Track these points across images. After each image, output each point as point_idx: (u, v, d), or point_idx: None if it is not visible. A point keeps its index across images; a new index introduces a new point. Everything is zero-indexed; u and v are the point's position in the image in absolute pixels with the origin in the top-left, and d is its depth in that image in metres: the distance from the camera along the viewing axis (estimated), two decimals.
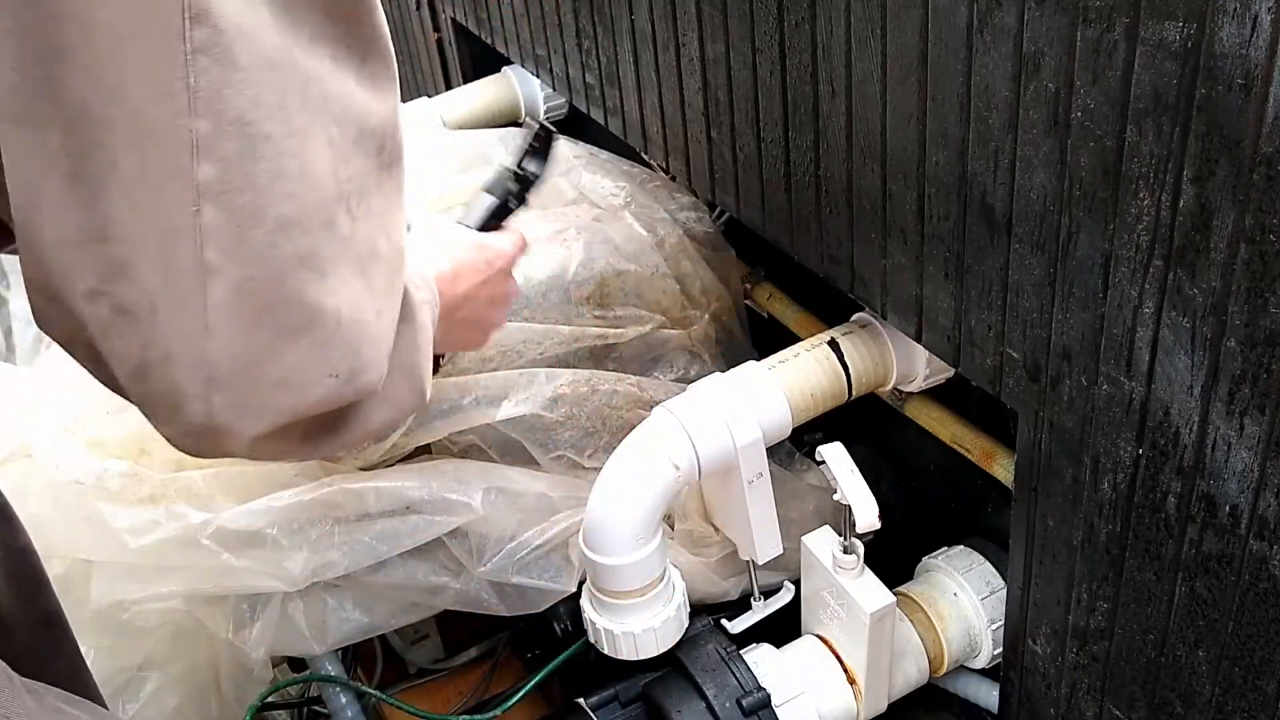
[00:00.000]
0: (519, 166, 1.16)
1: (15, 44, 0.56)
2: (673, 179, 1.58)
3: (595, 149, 1.60)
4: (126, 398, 0.67)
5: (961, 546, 1.32)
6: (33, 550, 1.03)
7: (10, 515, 1.00)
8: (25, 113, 0.58)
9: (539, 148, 1.17)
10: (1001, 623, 1.22)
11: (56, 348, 1.40)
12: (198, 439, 0.67)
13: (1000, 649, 1.24)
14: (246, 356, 0.64)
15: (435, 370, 1.10)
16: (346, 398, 0.69)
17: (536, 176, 1.17)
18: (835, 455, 1.12)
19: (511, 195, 1.15)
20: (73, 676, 1.06)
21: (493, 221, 1.13)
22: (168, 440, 0.68)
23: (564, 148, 1.57)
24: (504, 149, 1.62)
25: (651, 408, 1.21)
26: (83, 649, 1.12)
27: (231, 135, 0.61)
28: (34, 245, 0.62)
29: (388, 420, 0.77)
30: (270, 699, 1.33)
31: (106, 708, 1.12)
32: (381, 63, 0.72)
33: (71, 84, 0.58)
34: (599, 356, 1.41)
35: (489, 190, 1.14)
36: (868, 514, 1.09)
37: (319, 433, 0.72)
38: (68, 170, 0.59)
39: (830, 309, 1.38)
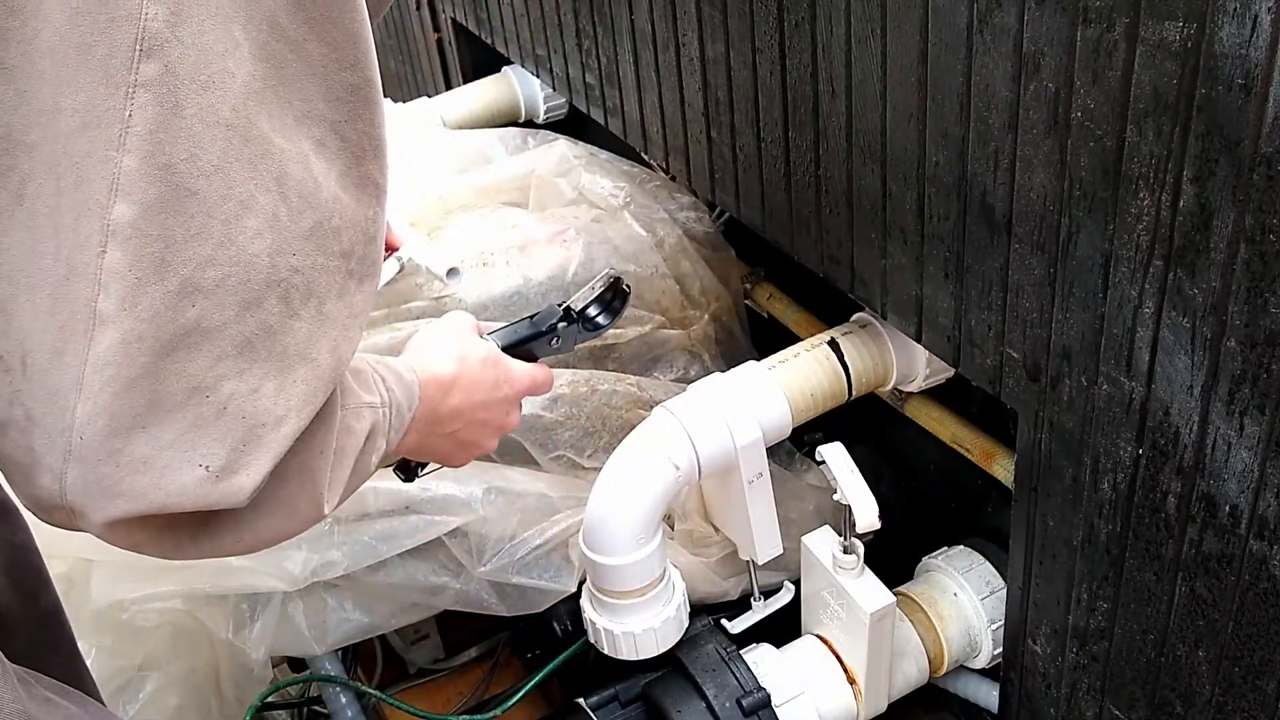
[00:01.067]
0: (583, 311, 1.08)
1: None
2: (673, 179, 1.58)
3: (595, 149, 1.60)
4: None
5: (961, 546, 1.32)
6: (34, 548, 1.02)
7: (11, 510, 1.00)
8: None
9: (611, 299, 1.09)
10: (1001, 623, 1.22)
11: None
12: (48, 513, 0.62)
13: (1000, 649, 1.24)
14: (113, 423, 0.58)
15: (411, 476, 1.05)
16: (212, 499, 0.62)
17: (599, 328, 1.09)
18: (835, 455, 1.12)
19: (557, 334, 1.06)
20: (71, 674, 1.06)
21: (523, 348, 1.05)
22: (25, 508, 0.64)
23: (564, 148, 1.57)
24: (504, 150, 1.62)
25: (651, 408, 1.21)
26: (83, 648, 1.12)
27: (156, 180, 0.57)
28: None
29: (275, 530, 0.69)
30: (270, 699, 1.33)
31: (104, 704, 1.12)
32: (375, 171, 0.69)
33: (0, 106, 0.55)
34: (599, 356, 1.41)
35: (534, 319, 1.07)
36: (868, 514, 1.09)
37: (185, 531, 0.65)
38: None
39: (830, 309, 1.38)
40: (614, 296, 1.10)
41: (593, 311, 1.09)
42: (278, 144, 0.62)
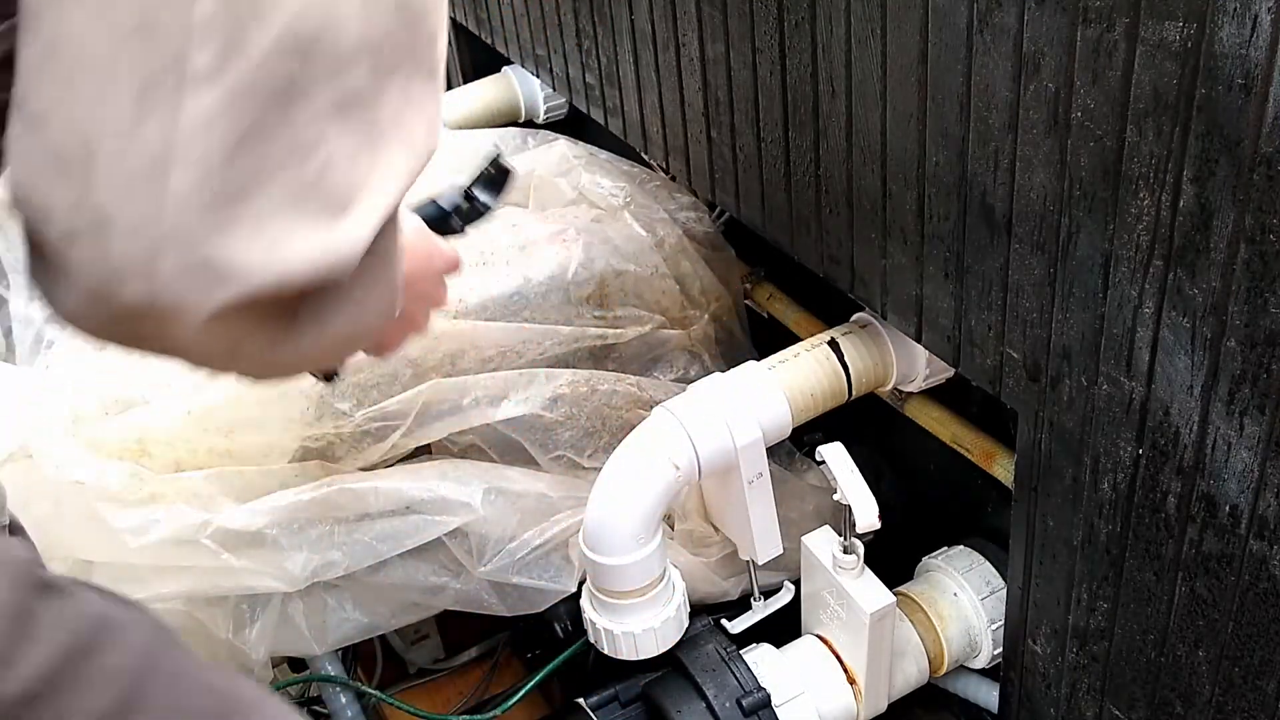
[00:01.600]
0: (469, 190, 1.06)
1: None
2: (673, 179, 1.58)
3: (595, 149, 1.60)
4: (45, 284, 0.56)
5: (961, 546, 1.32)
6: (39, 562, 1.03)
7: (18, 529, 1.01)
8: None
9: (495, 177, 1.07)
10: (1001, 623, 1.22)
11: (56, 348, 1.40)
12: (130, 327, 0.56)
13: (1000, 649, 1.24)
14: (218, 191, 0.53)
15: (332, 377, 1.03)
16: (324, 267, 0.57)
17: (486, 209, 1.06)
18: (835, 455, 1.12)
19: (458, 213, 1.04)
20: None
21: (433, 228, 1.02)
22: (82, 329, 0.57)
23: (564, 148, 1.57)
24: (504, 150, 1.62)
25: (651, 408, 1.21)
26: None
27: None
28: None
29: (354, 324, 0.65)
30: None
31: None
32: None
33: None
34: (599, 356, 1.41)
35: (436, 199, 1.04)
36: (868, 514, 1.09)
37: (279, 326, 0.60)
38: None
39: (830, 309, 1.38)
40: (498, 177, 1.07)
41: (479, 193, 1.07)
42: None
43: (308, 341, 0.62)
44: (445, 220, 1.04)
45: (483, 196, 1.06)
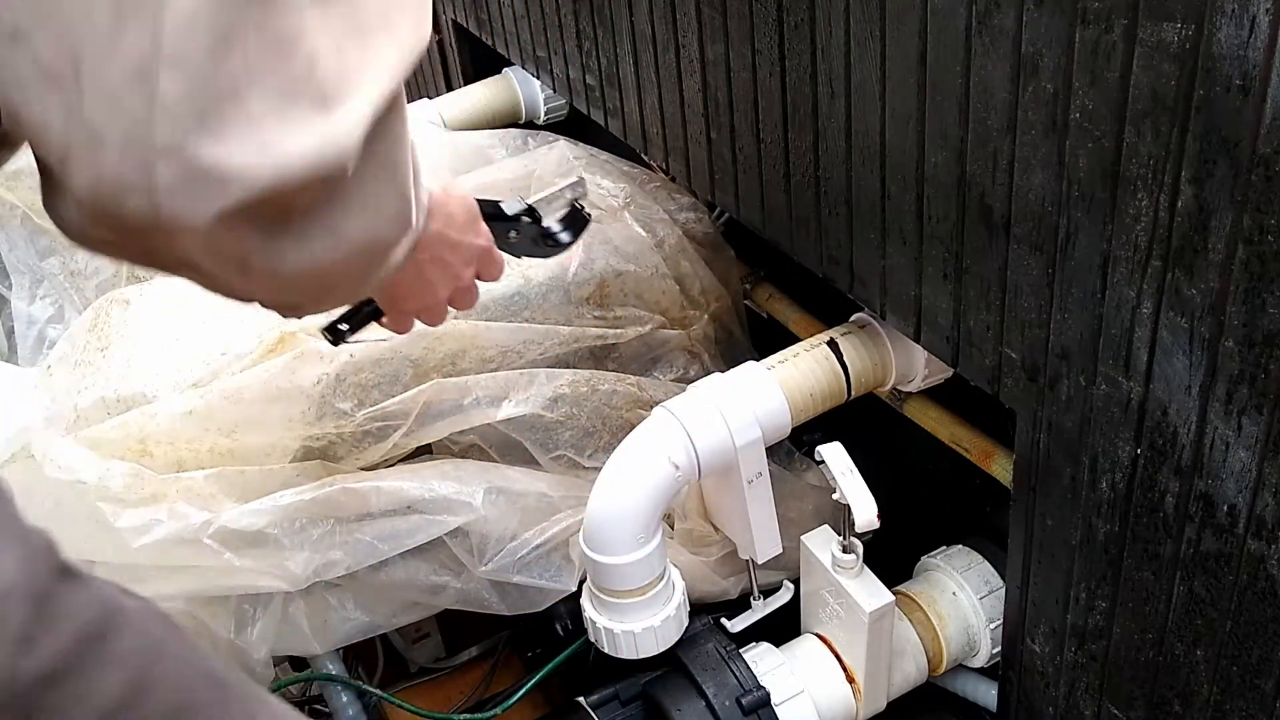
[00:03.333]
0: (547, 227, 1.06)
1: None
2: (672, 180, 1.58)
3: (595, 150, 1.60)
4: (54, 203, 0.56)
5: (960, 546, 1.33)
6: None
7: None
8: None
9: (577, 219, 1.08)
10: (1000, 622, 1.22)
11: (58, 348, 1.40)
12: (140, 241, 0.56)
13: (999, 648, 1.24)
14: (208, 93, 0.52)
15: (339, 339, 1.01)
16: (322, 164, 0.56)
17: (558, 246, 1.07)
18: (834, 455, 1.12)
19: (518, 228, 1.04)
20: None
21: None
22: (93, 248, 0.57)
23: (564, 149, 1.58)
24: (504, 150, 1.62)
25: (651, 408, 1.21)
26: None
27: None
28: None
29: (367, 230, 0.65)
30: None
31: None
32: None
33: None
34: (599, 356, 1.42)
35: (500, 203, 1.04)
36: (867, 513, 1.09)
37: (289, 229, 0.60)
38: None
39: (829, 309, 1.38)
40: (576, 219, 1.07)
41: (556, 229, 1.06)
42: None
43: (319, 246, 0.61)
44: (502, 225, 1.02)
45: (563, 236, 1.07)
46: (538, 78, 1.76)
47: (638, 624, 1.18)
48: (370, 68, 0.59)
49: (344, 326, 1.01)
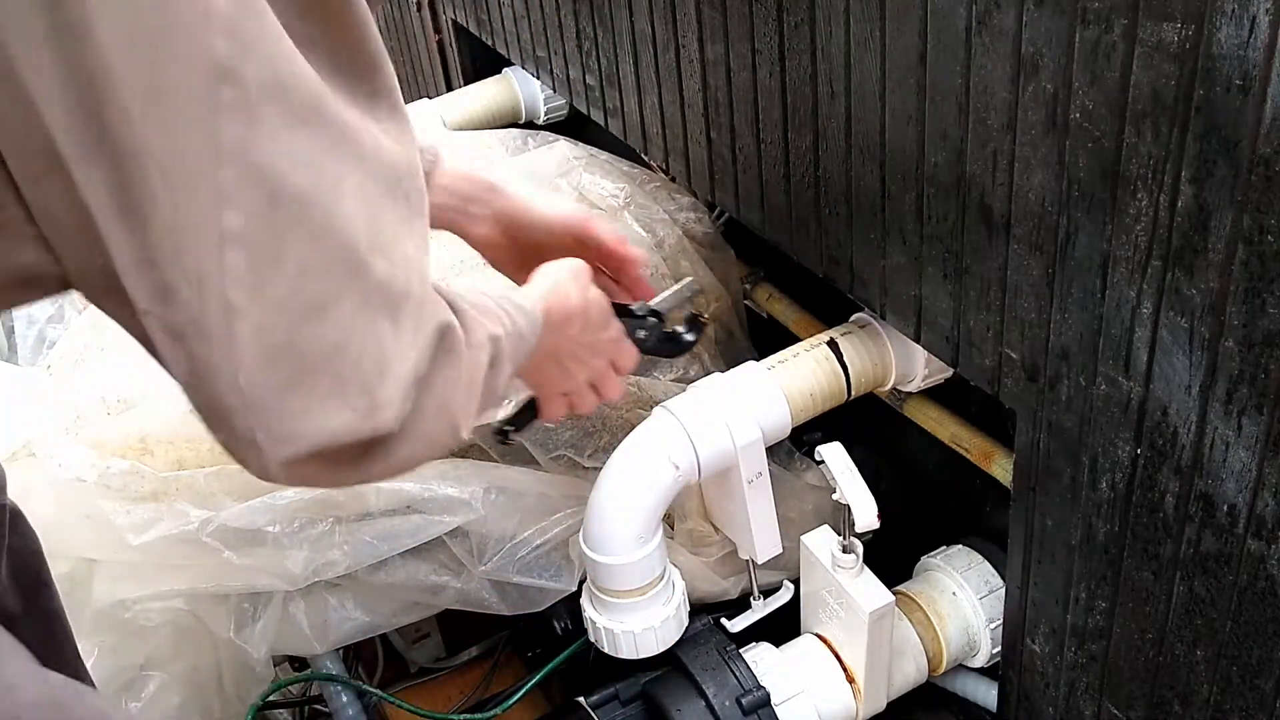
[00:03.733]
0: (672, 330, 1.21)
1: (65, 91, 0.59)
2: (672, 180, 1.58)
3: (595, 150, 1.60)
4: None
5: (960, 546, 1.33)
6: (39, 550, 1.04)
7: (20, 517, 1.02)
8: (78, 152, 0.61)
9: (697, 322, 1.23)
10: (1000, 622, 1.23)
11: (58, 348, 1.40)
12: (244, 454, 0.70)
13: (999, 648, 1.24)
14: (269, 387, 0.67)
15: (505, 438, 1.16)
16: (365, 432, 0.71)
17: (689, 345, 1.22)
18: (834, 455, 1.12)
19: (646, 326, 1.17)
20: (71, 677, 1.07)
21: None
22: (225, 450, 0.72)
23: (564, 149, 1.58)
24: (505, 151, 1.62)
25: (651, 408, 1.21)
26: (86, 648, 1.13)
27: (256, 186, 0.63)
28: (101, 270, 0.65)
29: (416, 455, 0.78)
30: (272, 698, 1.34)
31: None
32: (398, 112, 0.75)
33: (115, 129, 0.60)
34: None
35: (630, 305, 1.18)
36: (867, 513, 1.09)
37: (347, 463, 0.74)
38: (118, 203, 0.62)
39: (830, 309, 1.38)
40: (696, 323, 1.23)
41: (681, 329, 1.22)
42: (346, 121, 0.68)
43: (377, 471, 0.76)
44: (632, 322, 1.16)
45: (687, 337, 1.23)
46: (538, 78, 1.76)
47: (638, 624, 1.18)
48: (402, 338, 0.73)
49: (510, 428, 1.16)
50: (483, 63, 2.05)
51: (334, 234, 0.67)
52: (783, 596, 1.30)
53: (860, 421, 1.42)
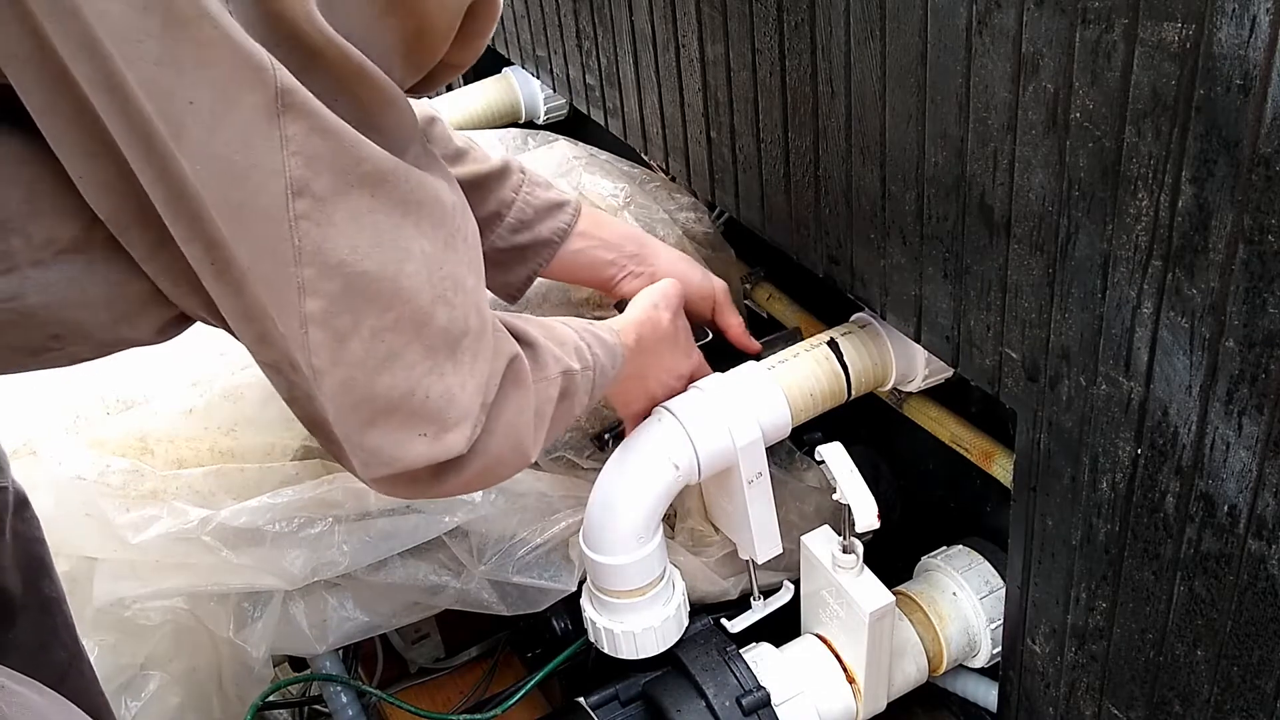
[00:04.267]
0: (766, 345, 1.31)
1: (154, 188, 0.68)
2: (672, 179, 1.58)
3: (595, 150, 1.60)
4: None
5: (960, 546, 1.33)
6: (42, 539, 1.07)
7: (27, 504, 1.05)
8: (176, 232, 0.70)
9: (783, 341, 1.32)
10: (1000, 622, 1.22)
11: None
12: (344, 464, 0.83)
13: (999, 648, 1.24)
14: (352, 426, 0.79)
15: (604, 446, 1.29)
16: (438, 455, 0.82)
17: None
18: (835, 455, 1.12)
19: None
20: (74, 663, 1.08)
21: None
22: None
23: (564, 148, 1.58)
24: (504, 150, 1.62)
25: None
26: (86, 646, 1.13)
27: (332, 277, 0.73)
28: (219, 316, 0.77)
29: (488, 472, 0.88)
30: (271, 698, 1.34)
31: (103, 696, 1.13)
32: (426, 153, 0.82)
33: (206, 228, 0.70)
34: None
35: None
36: (867, 514, 1.09)
37: (426, 480, 0.85)
38: (215, 272, 0.72)
39: (830, 309, 1.38)
40: (790, 340, 1.30)
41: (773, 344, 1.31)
42: (411, 193, 0.76)
43: (452, 486, 0.87)
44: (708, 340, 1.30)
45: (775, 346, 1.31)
46: (538, 78, 1.76)
47: (638, 624, 1.18)
48: (463, 372, 0.82)
49: (607, 437, 1.30)
50: (482, 62, 2.05)
51: (400, 296, 0.76)
52: (783, 597, 1.29)
53: (860, 421, 1.42)
